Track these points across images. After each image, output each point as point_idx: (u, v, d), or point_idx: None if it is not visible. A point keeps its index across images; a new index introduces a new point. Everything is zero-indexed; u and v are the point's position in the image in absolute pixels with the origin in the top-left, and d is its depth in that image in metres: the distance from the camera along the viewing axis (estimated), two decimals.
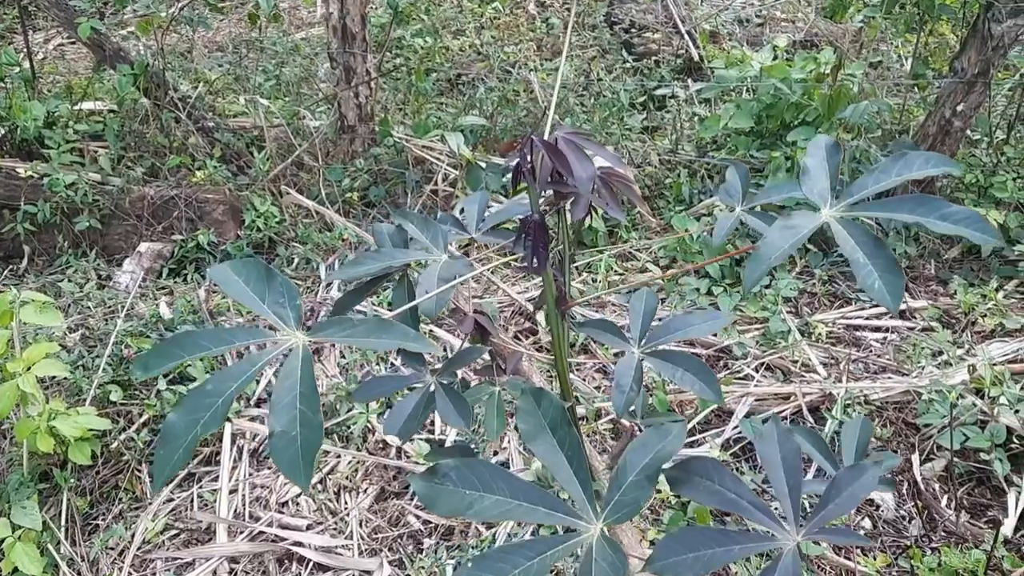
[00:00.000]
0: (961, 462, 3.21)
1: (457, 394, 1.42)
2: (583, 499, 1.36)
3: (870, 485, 1.33)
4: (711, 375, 1.48)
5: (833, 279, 4.58)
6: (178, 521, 3.42)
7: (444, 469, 1.33)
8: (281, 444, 0.99)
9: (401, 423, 1.41)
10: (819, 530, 1.31)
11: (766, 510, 1.33)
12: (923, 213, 1.14)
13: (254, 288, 1.15)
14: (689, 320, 1.54)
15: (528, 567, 1.27)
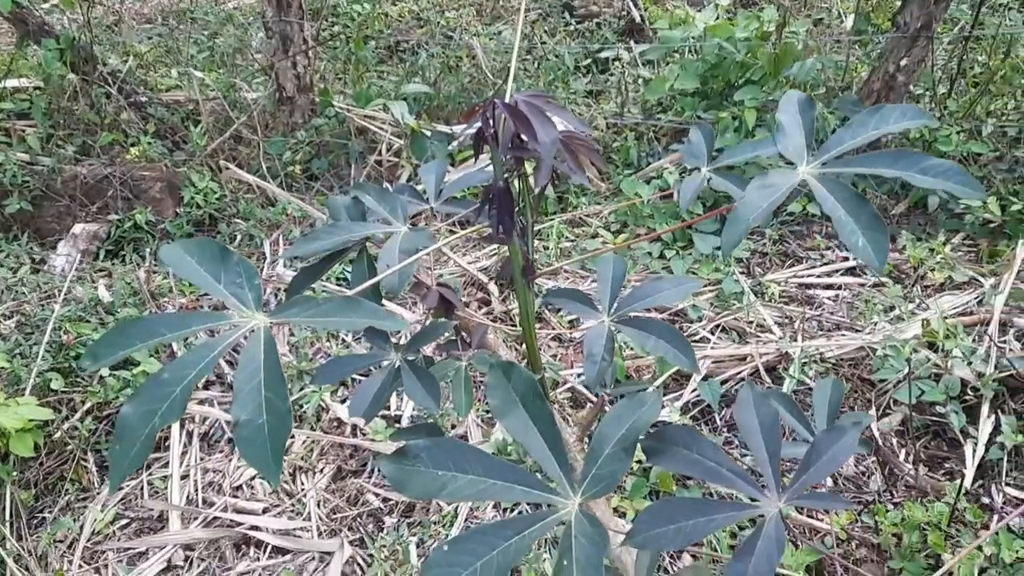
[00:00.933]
0: (917, 416, 3.24)
1: (424, 372, 1.37)
2: (559, 474, 1.32)
3: (850, 447, 1.32)
4: (685, 343, 1.44)
5: (784, 238, 4.60)
6: (128, 510, 3.33)
7: (414, 450, 1.28)
8: (247, 434, 0.94)
9: (367, 404, 1.35)
10: (801, 495, 1.29)
11: (747, 477, 1.31)
12: (903, 167, 1.11)
13: (208, 268, 1.08)
14: (659, 286, 1.51)
15: (507, 547, 1.24)
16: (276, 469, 0.93)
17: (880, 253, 1.05)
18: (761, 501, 1.28)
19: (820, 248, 4.49)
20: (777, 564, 1.22)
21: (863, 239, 1.05)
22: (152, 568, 3.07)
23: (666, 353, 1.43)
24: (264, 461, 0.92)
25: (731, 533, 2.89)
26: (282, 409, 0.94)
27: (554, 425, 1.34)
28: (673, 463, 1.35)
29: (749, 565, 1.22)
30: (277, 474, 0.93)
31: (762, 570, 1.21)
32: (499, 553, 1.23)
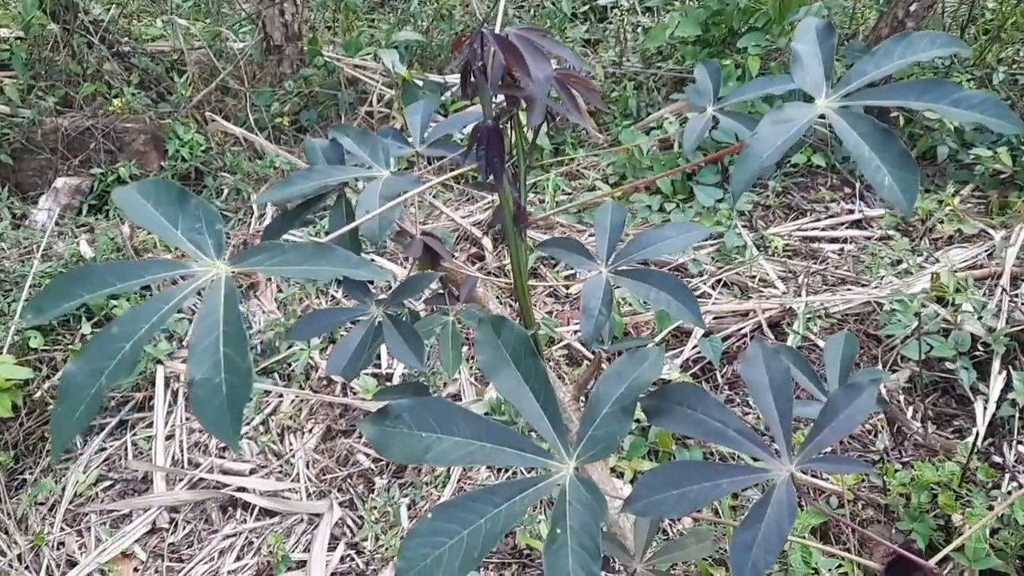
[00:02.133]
0: (926, 372, 3.16)
1: (408, 327, 1.28)
2: (553, 436, 1.24)
3: (867, 406, 1.23)
4: (689, 295, 1.35)
5: (787, 191, 4.49)
6: (112, 472, 3.26)
7: (396, 410, 1.20)
8: (203, 394, 0.85)
9: (346, 361, 1.26)
10: (815, 458, 1.21)
11: (755, 439, 1.22)
12: (934, 98, 1.01)
13: (165, 213, 0.99)
14: (661, 234, 1.41)
15: (496, 514, 1.16)
16: (235, 433, 0.84)
17: (909, 194, 0.96)
18: (771, 464, 1.20)
19: (825, 201, 4.39)
20: (788, 532, 1.14)
21: (890, 178, 0.96)
22: (136, 531, 3.01)
23: (668, 306, 1.34)
24: (222, 424, 0.84)
25: (733, 495, 2.82)
26: (242, 367, 0.85)
27: (548, 384, 1.25)
28: (676, 423, 1.26)
29: (758, 534, 1.14)
30: (236, 438, 0.84)
31: (771, 539, 1.13)
32: (488, 521, 1.15)
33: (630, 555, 1.49)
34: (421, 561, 1.12)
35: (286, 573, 2.83)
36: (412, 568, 1.12)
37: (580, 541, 1.14)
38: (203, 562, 2.92)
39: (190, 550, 2.98)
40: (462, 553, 1.13)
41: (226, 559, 2.92)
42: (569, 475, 1.20)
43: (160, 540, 3.01)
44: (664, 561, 1.48)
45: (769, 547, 1.13)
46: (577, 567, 1.12)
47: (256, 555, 2.93)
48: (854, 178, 4.48)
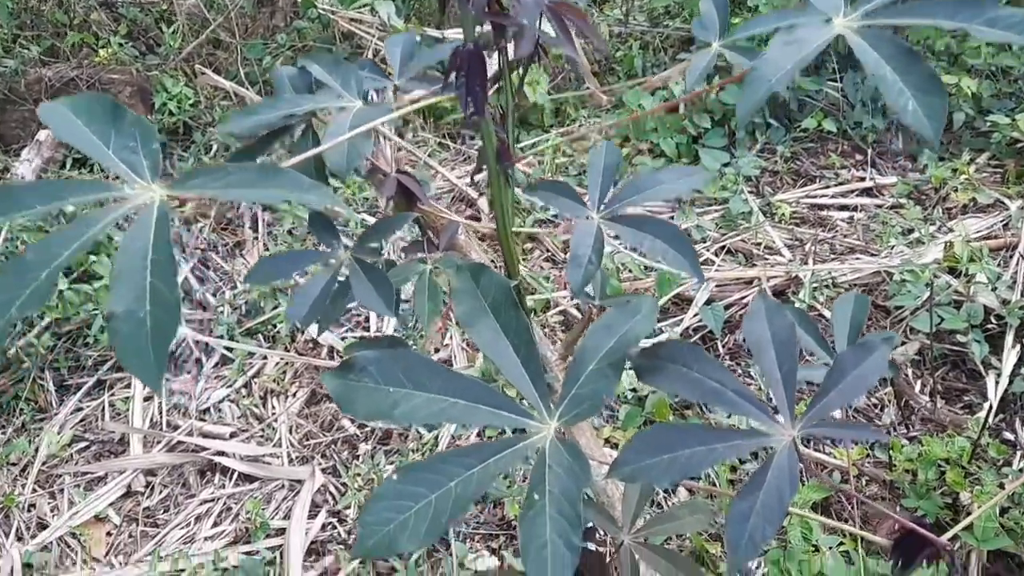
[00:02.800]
0: (936, 345, 3.07)
1: (378, 272, 1.18)
2: (533, 395, 1.14)
3: (879, 367, 1.13)
4: (687, 244, 1.25)
5: (796, 156, 4.38)
6: (88, 433, 3.18)
7: (362, 362, 1.10)
8: (126, 329, 0.75)
9: (307, 308, 1.17)
10: (820, 423, 1.11)
11: (755, 401, 1.13)
12: (965, 18, 0.90)
13: (97, 130, 0.88)
14: (658, 178, 1.30)
15: (467, 477, 1.06)
16: (158, 373, 0.74)
17: (935, 120, 0.85)
18: (772, 429, 1.10)
19: (835, 167, 4.27)
20: (789, 502, 1.05)
21: (914, 102, 0.85)
22: (110, 493, 2.93)
23: (664, 256, 1.24)
24: (144, 362, 0.74)
25: (731, 467, 2.74)
26: (170, 300, 0.75)
27: (530, 337, 1.16)
28: (669, 382, 1.16)
29: (756, 502, 1.05)
30: (159, 379, 0.74)
31: (772, 509, 1.04)
32: (459, 484, 1.06)
33: (618, 526, 1.40)
34: (384, 527, 1.03)
35: (264, 540, 2.76)
36: (374, 534, 1.03)
37: (560, 508, 1.05)
38: (179, 527, 2.85)
39: (166, 515, 2.90)
40: (429, 518, 1.03)
41: (203, 524, 2.85)
42: (550, 436, 1.11)
43: (135, 504, 2.93)
44: (654, 533, 1.39)
45: (768, 518, 1.04)
46: (555, 536, 1.03)
47: (234, 521, 2.85)
48: (866, 144, 4.36)
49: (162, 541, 2.81)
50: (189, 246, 3.88)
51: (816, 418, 1.11)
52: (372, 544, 1.02)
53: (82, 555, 2.78)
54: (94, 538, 2.81)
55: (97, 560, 2.77)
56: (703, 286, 3.46)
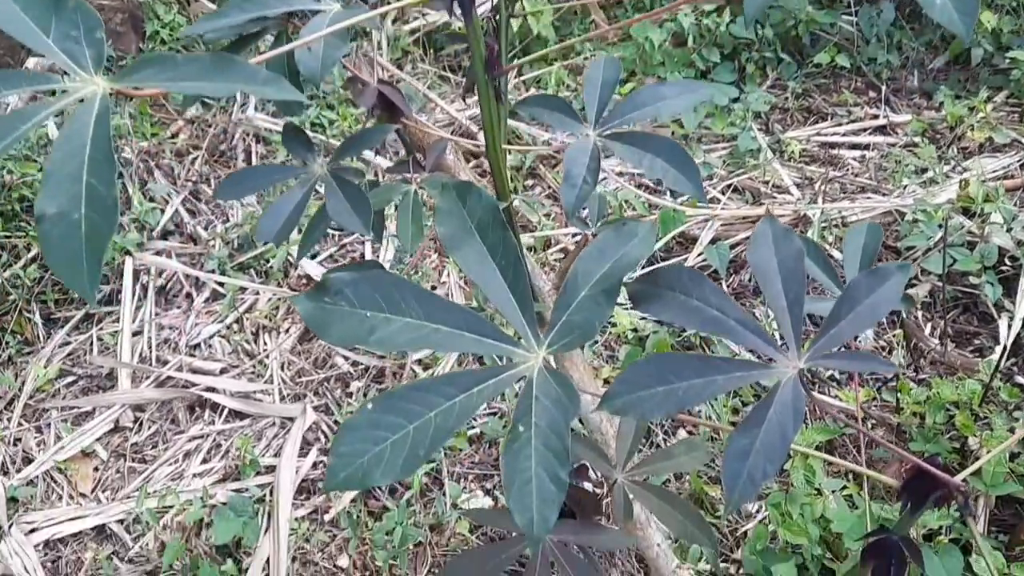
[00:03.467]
0: (948, 287, 2.99)
1: (354, 187, 1.10)
2: (521, 321, 1.07)
3: (893, 296, 1.06)
4: (690, 163, 1.17)
5: (808, 93, 4.26)
6: (76, 367, 3.12)
7: (337, 284, 1.03)
8: (57, 232, 0.68)
9: (279, 225, 1.09)
10: (828, 354, 1.04)
11: (759, 331, 1.06)
12: None
13: (35, 15, 0.80)
14: (660, 92, 1.22)
15: (448, 408, 1.00)
16: (92, 281, 0.67)
17: (967, 15, 0.77)
18: (776, 360, 1.03)
19: (848, 104, 4.16)
20: (792, 439, 0.98)
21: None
22: (97, 428, 2.88)
23: (665, 175, 1.17)
24: (76, 270, 0.67)
25: (733, 409, 2.68)
26: (107, 201, 0.68)
27: (519, 260, 1.08)
28: (667, 311, 1.09)
29: (756, 439, 0.98)
30: (93, 289, 0.67)
31: (774, 446, 0.98)
32: (439, 415, 0.99)
33: (611, 464, 1.34)
34: (358, 458, 0.96)
35: (254, 477, 2.72)
36: (347, 466, 0.96)
37: (546, 441, 0.98)
38: (167, 463, 2.81)
39: (154, 450, 2.85)
40: (406, 450, 0.97)
41: (192, 461, 2.81)
42: (538, 366, 1.04)
43: (123, 439, 2.89)
44: (649, 471, 1.33)
45: (770, 455, 0.97)
46: (541, 471, 0.97)
47: (224, 458, 2.81)
48: (880, 81, 4.24)
49: (150, 477, 2.77)
50: (180, 178, 3.79)
51: (824, 349, 1.04)
52: (344, 477, 0.96)
53: (68, 490, 2.74)
54: (80, 473, 2.77)
55: (83, 495, 2.74)
56: (709, 224, 3.37)
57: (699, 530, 1.25)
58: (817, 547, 2.16)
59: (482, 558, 1.21)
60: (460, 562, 1.20)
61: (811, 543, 2.14)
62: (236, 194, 1.14)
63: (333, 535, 2.58)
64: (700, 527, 1.25)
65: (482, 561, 1.20)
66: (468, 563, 1.20)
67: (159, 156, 3.90)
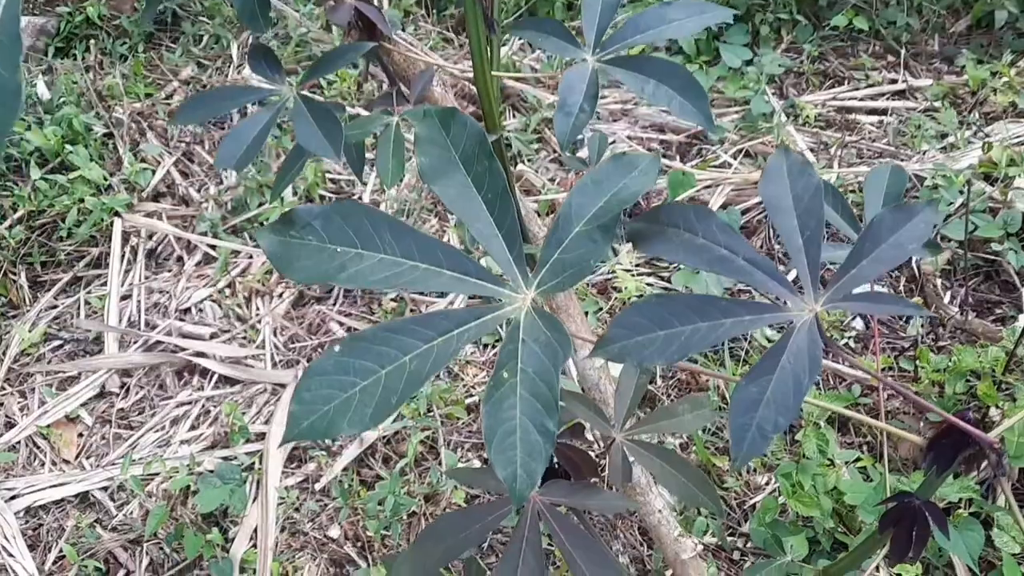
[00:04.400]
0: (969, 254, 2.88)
1: (323, 109, 1.01)
2: (507, 258, 0.98)
3: (921, 232, 0.96)
4: (698, 88, 1.07)
5: (824, 56, 4.14)
6: (62, 331, 3.04)
7: (304, 217, 0.94)
8: None
9: (240, 151, 1.00)
10: (848, 295, 0.94)
11: (772, 270, 0.96)
12: None
13: None
14: (666, 13, 1.11)
15: (425, 352, 0.91)
16: None
17: None
18: (791, 303, 0.94)
19: (866, 68, 4.03)
20: (807, 390, 0.89)
21: None
22: (82, 393, 2.81)
23: (671, 103, 1.07)
24: None
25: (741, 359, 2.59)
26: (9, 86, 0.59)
27: (506, 192, 0.99)
28: (670, 250, 0.99)
29: (767, 388, 0.89)
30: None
31: (786, 397, 0.88)
32: (415, 359, 0.90)
33: (609, 423, 1.24)
34: (323, 405, 0.87)
35: (243, 445, 2.64)
36: (311, 413, 0.87)
37: (533, 389, 0.89)
38: (154, 430, 2.73)
39: (141, 416, 2.78)
40: (377, 398, 0.88)
41: (179, 428, 2.73)
42: (526, 308, 0.94)
43: (109, 405, 2.81)
44: (650, 431, 1.24)
45: (782, 407, 0.88)
46: (526, 421, 0.88)
47: (213, 425, 2.73)
48: (899, 45, 4.11)
49: (136, 444, 2.69)
50: (174, 140, 3.70)
51: (844, 290, 0.95)
52: (307, 425, 0.87)
53: (51, 456, 2.67)
54: (64, 439, 2.70)
55: (67, 462, 2.67)
56: (719, 189, 3.27)
57: (703, 492, 1.16)
58: (830, 520, 2.07)
59: (467, 519, 1.12)
60: (443, 523, 1.12)
61: (823, 515, 2.05)
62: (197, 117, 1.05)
63: (324, 504, 2.50)
64: (704, 489, 1.16)
65: (467, 522, 1.12)
66: (451, 524, 1.11)
67: (152, 117, 3.81)
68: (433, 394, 2.64)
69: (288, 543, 2.42)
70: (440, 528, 1.13)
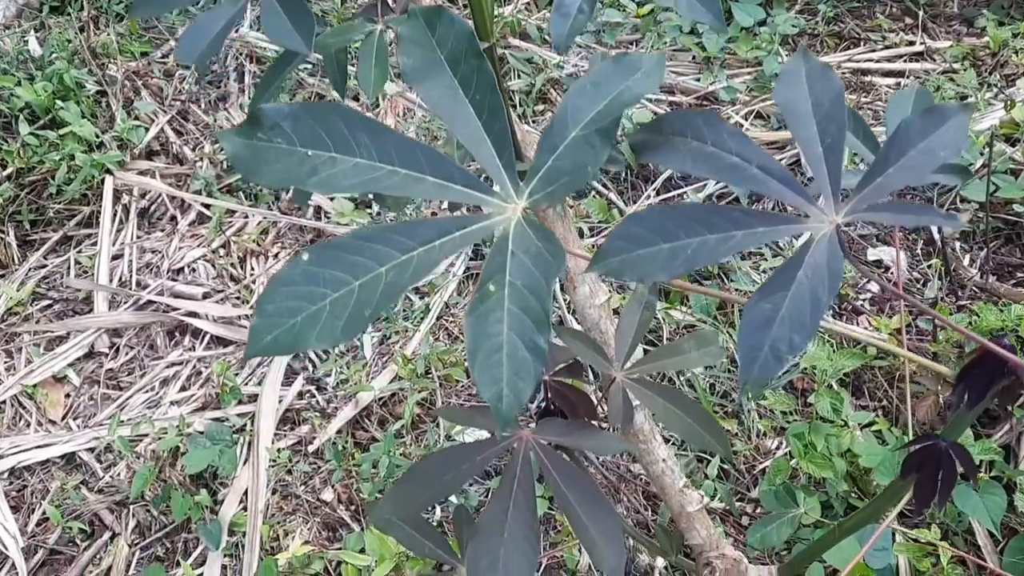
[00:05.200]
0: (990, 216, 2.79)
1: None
2: (497, 165, 0.89)
3: (955, 138, 0.87)
4: None
5: (839, 17, 4.02)
6: (51, 291, 2.97)
7: (273, 117, 0.85)
8: None
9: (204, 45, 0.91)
10: (873, 206, 0.86)
11: (788, 179, 0.88)
12: None
13: None
14: None
15: (404, 262, 0.82)
16: None
17: None
18: (810, 214, 0.85)
19: (883, 30, 3.92)
20: (825, 308, 0.80)
21: None
22: (70, 353, 2.73)
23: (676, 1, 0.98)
24: None
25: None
26: None
27: (495, 93, 0.90)
28: (676, 159, 0.91)
29: (781, 305, 0.80)
30: None
31: (803, 314, 0.80)
32: (391, 270, 0.82)
33: (609, 361, 1.16)
34: (289, 319, 0.79)
35: (235, 406, 2.56)
36: (275, 327, 0.79)
37: (522, 303, 0.81)
38: (143, 391, 2.66)
39: (130, 377, 2.71)
40: (349, 311, 0.80)
41: (169, 388, 2.66)
42: (515, 218, 0.86)
43: (97, 365, 2.74)
44: (654, 369, 1.15)
45: (798, 325, 0.79)
46: (514, 337, 0.80)
47: (204, 386, 2.66)
48: (917, 6, 4.00)
49: (124, 405, 2.62)
50: (168, 98, 3.61)
51: (867, 201, 0.86)
52: (271, 340, 0.78)
53: (37, 417, 2.60)
54: (51, 399, 2.63)
55: (53, 422, 2.60)
56: None
57: (710, 433, 1.07)
58: (843, 483, 1.99)
59: (453, 459, 1.04)
60: (427, 463, 1.04)
61: (837, 477, 1.97)
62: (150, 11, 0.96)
63: (317, 467, 2.43)
64: (711, 430, 1.07)
65: (453, 462, 1.03)
66: (436, 464, 1.03)
67: (147, 76, 3.72)
68: (431, 355, 2.56)
69: (279, 506, 2.35)
70: (424, 469, 1.05)
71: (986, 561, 1.92)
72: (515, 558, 0.97)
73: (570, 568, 2.13)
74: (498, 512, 0.99)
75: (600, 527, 1.00)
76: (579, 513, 0.99)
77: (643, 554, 2.10)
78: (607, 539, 0.99)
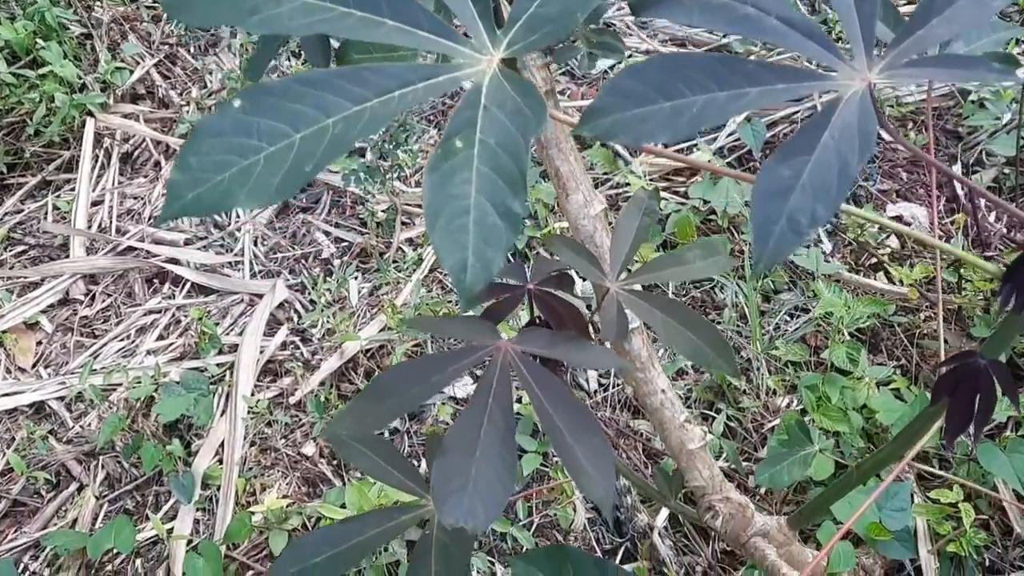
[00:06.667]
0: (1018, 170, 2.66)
1: None
2: (471, 12, 0.77)
3: None
4: None
5: None
6: (27, 236, 2.85)
7: None
8: None
9: None
10: (913, 61, 0.73)
11: (813, 31, 0.75)
12: None
13: None
14: None
15: (356, 114, 0.71)
16: None
17: None
18: (838, 68, 0.73)
19: None
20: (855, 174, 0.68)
21: None
22: (43, 299, 2.62)
23: None
24: None
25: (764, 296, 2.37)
26: None
27: None
28: (682, 11, 0.78)
29: (803, 171, 0.68)
30: None
31: (828, 181, 0.68)
32: (341, 123, 0.70)
33: (603, 272, 1.04)
34: (216, 174, 0.67)
35: (214, 356, 2.45)
36: (199, 183, 0.67)
37: (495, 162, 0.69)
38: (119, 339, 2.54)
39: (105, 325, 2.59)
40: (287, 167, 0.68)
41: (146, 337, 2.54)
42: (491, 70, 0.74)
43: (72, 312, 2.62)
44: (653, 279, 1.03)
45: (821, 193, 0.67)
46: (483, 200, 0.68)
47: (183, 335, 2.54)
48: None
49: (98, 353, 2.51)
50: (156, 42, 3.49)
51: (905, 55, 0.74)
52: (193, 198, 0.67)
53: (5, 363, 2.49)
54: (20, 346, 2.52)
55: (22, 370, 2.49)
56: None
57: (715, 351, 0.95)
58: (859, 439, 1.86)
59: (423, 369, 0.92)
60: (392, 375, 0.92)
61: (852, 433, 1.84)
62: None
63: (298, 419, 2.31)
64: (716, 347, 0.95)
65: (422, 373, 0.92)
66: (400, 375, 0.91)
67: (136, 20, 3.59)
68: (422, 304, 2.44)
69: (257, 459, 2.24)
70: (388, 380, 0.93)
71: (1013, 524, 1.80)
72: (488, 480, 0.85)
73: (563, 527, 2.02)
74: (470, 428, 0.87)
75: (587, 449, 0.87)
76: (564, 433, 0.87)
77: (641, 513, 1.99)
78: (595, 462, 0.87)
